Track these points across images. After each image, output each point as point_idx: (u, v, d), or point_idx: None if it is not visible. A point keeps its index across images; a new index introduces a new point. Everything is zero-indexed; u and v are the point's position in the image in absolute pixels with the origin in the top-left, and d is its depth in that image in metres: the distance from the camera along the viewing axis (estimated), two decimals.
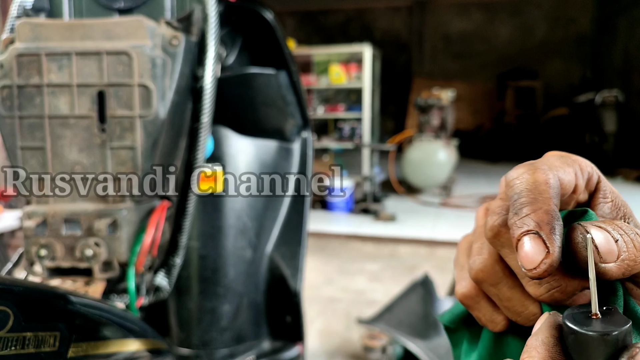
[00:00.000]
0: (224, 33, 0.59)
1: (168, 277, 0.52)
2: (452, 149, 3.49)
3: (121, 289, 0.47)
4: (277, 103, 0.63)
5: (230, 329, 0.63)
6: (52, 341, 0.27)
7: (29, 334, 0.25)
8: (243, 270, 0.64)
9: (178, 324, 0.63)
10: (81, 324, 0.30)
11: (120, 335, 0.36)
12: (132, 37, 0.45)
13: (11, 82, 0.45)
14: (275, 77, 0.61)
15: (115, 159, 0.45)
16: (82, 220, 0.45)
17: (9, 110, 0.45)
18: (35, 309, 0.26)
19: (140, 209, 0.47)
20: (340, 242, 2.40)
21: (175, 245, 0.52)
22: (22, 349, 0.25)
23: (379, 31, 7.02)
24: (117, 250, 0.44)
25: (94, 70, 0.44)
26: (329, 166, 3.28)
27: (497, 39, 6.61)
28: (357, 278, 1.88)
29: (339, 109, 3.52)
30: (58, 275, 0.46)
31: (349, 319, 1.48)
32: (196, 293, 0.62)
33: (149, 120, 0.45)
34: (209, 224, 0.62)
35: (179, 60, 0.47)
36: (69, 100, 0.45)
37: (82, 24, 0.46)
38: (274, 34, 0.61)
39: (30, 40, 0.45)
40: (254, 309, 0.66)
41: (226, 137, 0.63)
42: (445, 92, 3.51)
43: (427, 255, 2.17)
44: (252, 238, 0.65)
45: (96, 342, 0.32)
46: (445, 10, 6.73)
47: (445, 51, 6.83)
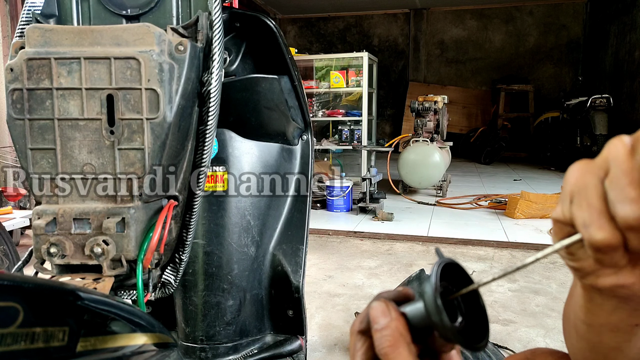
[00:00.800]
0: (228, 39, 0.61)
1: (174, 274, 0.53)
2: (447, 151, 3.54)
3: (129, 285, 0.49)
4: (279, 107, 0.65)
5: (234, 323, 0.64)
6: (61, 336, 0.27)
7: (39, 329, 0.26)
8: (247, 267, 0.65)
9: (183, 318, 0.65)
10: (90, 319, 0.31)
11: (128, 329, 0.37)
12: (139, 43, 0.47)
13: (21, 86, 0.46)
14: (277, 82, 0.63)
15: (124, 160, 0.46)
16: (91, 219, 0.46)
17: (20, 112, 0.47)
18: (45, 305, 0.27)
19: (148, 208, 0.49)
20: (339, 240, 2.42)
21: (181, 243, 0.53)
22: (31, 343, 0.25)
23: (377, 38, 7.10)
24: (126, 248, 0.46)
25: (103, 75, 0.46)
26: (328, 167, 3.31)
27: (491, 45, 6.72)
28: (355, 274, 1.90)
29: (339, 112, 3.56)
30: (67, 272, 0.47)
31: (348, 313, 1.50)
32: (201, 288, 0.63)
33: (156, 122, 0.46)
34: (214, 222, 0.64)
35: (185, 66, 0.49)
36: (79, 103, 0.46)
37: (91, 29, 0.47)
38: (276, 40, 0.63)
39: (40, 45, 0.47)
40: (257, 304, 0.68)
41: (230, 139, 0.65)
42: (440, 97, 3.56)
43: (422, 252, 2.20)
44: (255, 236, 0.66)
45: (104, 336, 0.33)
46: (440, 18, 6.84)
47: (441, 57, 6.92)
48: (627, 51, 4.97)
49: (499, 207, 3.04)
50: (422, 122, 3.46)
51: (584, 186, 0.19)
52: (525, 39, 6.59)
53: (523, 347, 1.28)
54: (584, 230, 0.19)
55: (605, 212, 0.18)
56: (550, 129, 5.35)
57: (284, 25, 7.29)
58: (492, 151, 5.47)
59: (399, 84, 7.08)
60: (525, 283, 1.77)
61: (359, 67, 3.48)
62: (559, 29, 6.46)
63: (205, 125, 0.52)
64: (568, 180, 0.20)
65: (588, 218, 0.18)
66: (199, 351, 0.63)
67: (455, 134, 6.05)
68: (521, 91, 6.14)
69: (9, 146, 2.33)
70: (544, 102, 6.17)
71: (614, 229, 0.18)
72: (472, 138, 5.97)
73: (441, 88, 6.57)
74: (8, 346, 0.24)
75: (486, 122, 6.36)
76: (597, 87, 5.34)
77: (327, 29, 7.26)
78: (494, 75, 6.64)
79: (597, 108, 4.39)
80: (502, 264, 2.04)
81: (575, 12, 6.35)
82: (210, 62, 0.51)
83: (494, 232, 2.49)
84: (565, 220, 0.20)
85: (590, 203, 0.18)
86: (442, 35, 6.88)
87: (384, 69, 6.59)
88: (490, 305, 1.52)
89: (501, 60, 6.67)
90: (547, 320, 1.45)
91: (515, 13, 6.58)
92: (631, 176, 0.17)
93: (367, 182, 2.88)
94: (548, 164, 5.18)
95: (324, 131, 3.88)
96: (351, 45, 6.93)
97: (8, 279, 0.26)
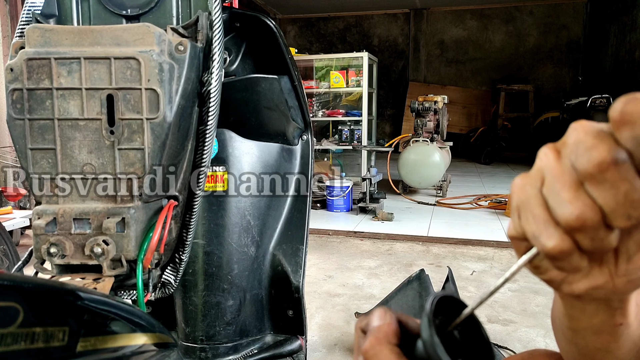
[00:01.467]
0: (228, 39, 0.61)
1: (174, 274, 0.53)
2: (447, 151, 3.54)
3: (129, 285, 0.49)
4: (279, 107, 0.65)
5: (234, 323, 0.65)
6: (61, 336, 0.27)
7: (39, 329, 0.26)
8: (247, 267, 0.65)
9: (183, 318, 0.65)
10: (90, 319, 0.31)
11: (128, 329, 0.37)
12: (139, 43, 0.47)
13: (21, 86, 0.46)
14: (277, 82, 0.63)
15: (124, 160, 0.46)
16: (91, 219, 0.46)
17: (20, 112, 0.47)
18: (45, 305, 0.27)
19: (148, 208, 0.49)
20: (339, 240, 2.42)
21: (181, 243, 0.53)
22: (31, 343, 0.25)
23: (377, 38, 7.11)
24: (126, 248, 0.46)
25: (103, 75, 0.46)
26: (328, 167, 3.31)
27: (491, 45, 6.73)
28: (355, 274, 1.90)
29: (339, 112, 3.56)
30: (67, 272, 0.47)
31: (348, 313, 1.50)
32: (201, 288, 0.63)
33: (156, 122, 0.46)
34: (214, 222, 0.64)
35: (185, 66, 0.49)
36: (79, 103, 0.46)
37: (91, 29, 0.47)
38: (276, 40, 0.63)
39: (40, 45, 0.47)
40: (257, 304, 0.68)
41: (230, 139, 0.65)
42: (440, 97, 3.56)
43: (422, 252, 2.20)
44: (255, 236, 0.66)
45: (104, 336, 0.33)
46: (440, 18, 6.84)
47: (441, 57, 6.93)
48: (627, 51, 4.98)
49: (499, 207, 3.04)
50: (422, 122, 3.46)
51: (526, 199, 0.19)
52: (525, 39, 6.59)
53: (523, 347, 1.28)
54: (536, 242, 0.19)
55: (550, 219, 0.18)
56: (550, 129, 5.35)
57: (284, 25, 7.29)
58: (492, 151, 5.47)
59: (399, 84, 7.08)
60: (525, 283, 1.78)
61: (359, 67, 3.48)
62: (559, 29, 6.46)
63: (205, 125, 0.52)
64: (512, 196, 0.20)
65: (536, 229, 0.19)
66: (199, 351, 0.63)
67: (455, 134, 6.05)
68: (521, 91, 6.14)
69: (9, 146, 2.33)
70: (544, 102, 6.17)
71: (562, 234, 0.18)
72: (472, 138, 5.98)
73: (441, 88, 6.57)
74: (8, 346, 0.24)
75: (486, 122, 6.36)
76: (597, 87, 5.33)
77: (327, 29, 7.26)
78: (494, 75, 6.64)
79: (597, 108, 4.40)
80: (502, 264, 2.04)
81: (575, 12, 6.36)
82: (210, 62, 0.51)
83: (494, 232, 2.49)
84: (520, 235, 0.20)
85: (535, 214, 0.19)
86: (442, 35, 6.88)
87: (384, 69, 6.59)
88: (490, 305, 1.52)
89: (501, 60, 6.68)
90: (547, 320, 1.45)
91: (515, 13, 6.58)
92: (563, 179, 0.18)
93: (367, 182, 2.89)
94: None
95: (324, 131, 3.88)
96: (351, 45, 6.94)
97: (8, 279, 0.26)
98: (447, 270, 1.22)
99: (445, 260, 2.07)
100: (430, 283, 1.14)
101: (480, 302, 0.21)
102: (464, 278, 1.84)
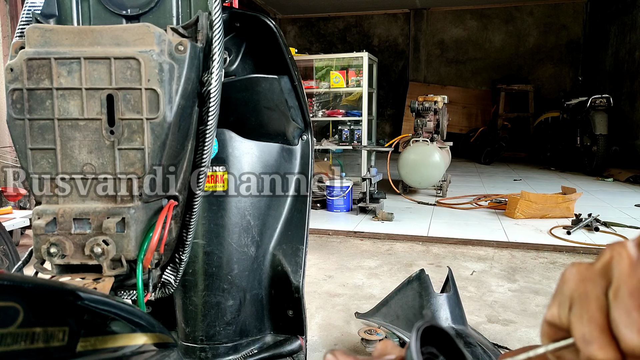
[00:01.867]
0: (228, 39, 0.61)
1: (174, 274, 0.53)
2: (447, 151, 3.54)
3: (129, 285, 0.49)
4: (279, 107, 0.65)
5: (234, 323, 0.65)
6: (61, 336, 0.27)
7: (39, 329, 0.26)
8: (247, 267, 0.65)
9: (183, 318, 0.65)
10: (90, 319, 0.31)
11: (128, 329, 0.37)
12: (139, 43, 0.47)
13: (21, 86, 0.46)
14: (277, 82, 0.63)
15: (124, 160, 0.46)
16: (91, 219, 0.46)
17: (20, 112, 0.47)
18: (45, 305, 0.27)
19: (148, 208, 0.49)
20: (339, 240, 2.42)
21: (181, 243, 0.53)
22: (31, 343, 0.25)
23: (377, 38, 7.12)
24: (126, 248, 0.46)
25: (103, 75, 0.46)
26: (328, 167, 3.31)
27: (491, 45, 6.73)
28: (355, 274, 1.90)
29: (339, 112, 3.57)
30: (67, 272, 0.47)
31: (348, 313, 1.50)
32: (201, 288, 0.63)
33: (156, 122, 0.46)
34: (214, 222, 0.64)
35: (185, 66, 0.49)
36: (79, 103, 0.46)
37: (91, 29, 0.47)
38: (276, 40, 0.63)
39: (40, 45, 0.47)
40: (257, 304, 0.68)
41: (230, 139, 0.65)
42: (440, 97, 3.56)
43: (422, 252, 2.21)
44: (255, 236, 0.67)
45: (104, 336, 0.33)
46: (440, 18, 6.85)
47: (441, 57, 6.93)
48: (627, 51, 4.98)
49: (499, 207, 3.04)
50: (422, 122, 3.46)
51: (585, 295, 0.18)
52: (525, 39, 6.59)
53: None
54: (584, 345, 0.18)
55: (607, 329, 0.17)
56: (550, 129, 5.36)
57: (284, 25, 7.30)
58: (492, 151, 5.47)
59: (399, 84, 7.09)
60: (525, 283, 1.78)
61: (359, 67, 3.49)
62: (559, 29, 6.47)
63: (205, 125, 0.52)
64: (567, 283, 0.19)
65: (589, 334, 0.17)
66: (199, 351, 0.63)
67: (455, 134, 6.06)
68: (521, 91, 6.15)
69: (9, 146, 2.33)
70: (544, 102, 6.17)
71: (615, 350, 0.17)
72: (472, 138, 5.98)
73: (441, 88, 6.58)
74: (8, 346, 0.24)
75: (486, 122, 6.36)
76: (597, 87, 5.34)
77: (327, 29, 7.27)
78: (494, 75, 6.64)
79: (597, 108, 4.40)
80: (502, 264, 2.04)
81: (575, 12, 6.36)
82: (210, 62, 0.51)
83: (494, 232, 2.49)
84: (561, 326, 0.19)
85: (592, 317, 0.18)
86: (442, 35, 6.89)
87: (384, 69, 6.60)
88: (490, 305, 1.52)
89: (501, 60, 6.68)
90: None
91: (515, 13, 6.59)
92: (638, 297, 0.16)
93: (367, 182, 2.89)
94: (548, 164, 5.19)
95: (324, 131, 3.88)
96: (351, 45, 6.94)
97: (8, 279, 0.26)
98: (447, 270, 1.22)
99: (445, 260, 2.07)
100: (430, 283, 1.14)
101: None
102: (464, 278, 1.84)
